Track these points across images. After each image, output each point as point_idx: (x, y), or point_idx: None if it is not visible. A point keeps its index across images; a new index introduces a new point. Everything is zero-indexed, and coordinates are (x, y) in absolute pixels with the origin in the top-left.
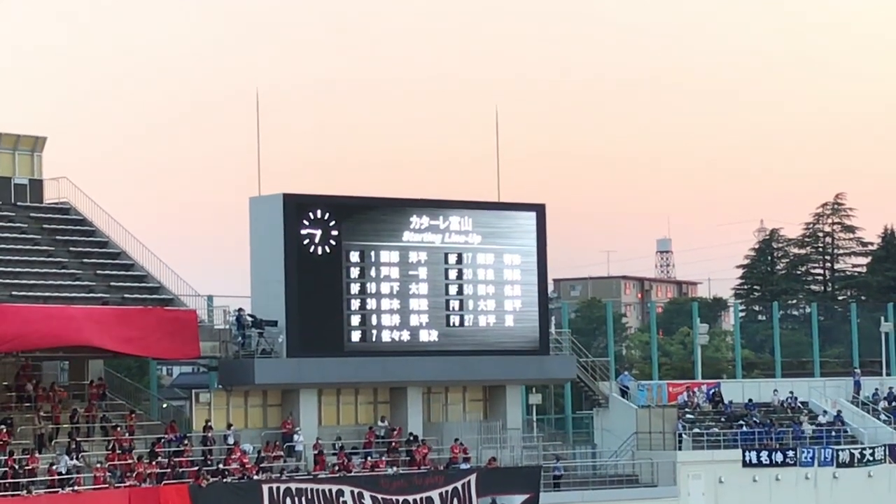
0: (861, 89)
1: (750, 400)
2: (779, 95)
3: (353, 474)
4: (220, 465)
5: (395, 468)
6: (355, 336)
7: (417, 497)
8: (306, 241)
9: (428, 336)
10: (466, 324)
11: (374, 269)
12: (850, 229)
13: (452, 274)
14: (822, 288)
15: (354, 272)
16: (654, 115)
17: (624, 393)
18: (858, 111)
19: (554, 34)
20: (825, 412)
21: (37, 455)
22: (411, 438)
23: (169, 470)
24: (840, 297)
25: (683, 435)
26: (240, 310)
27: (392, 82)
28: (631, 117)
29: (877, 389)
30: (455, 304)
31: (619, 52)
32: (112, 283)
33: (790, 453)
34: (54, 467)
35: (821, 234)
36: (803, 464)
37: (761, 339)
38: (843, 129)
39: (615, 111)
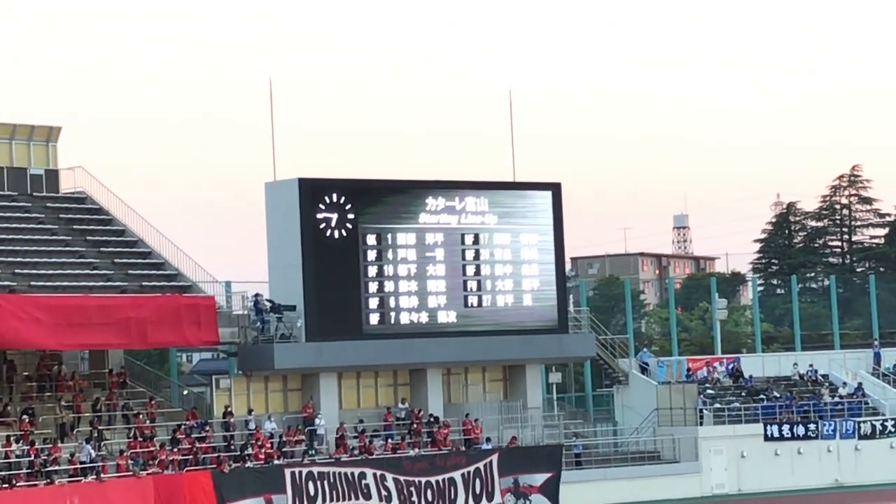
0: (876, 61)
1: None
2: (794, 68)
3: (374, 457)
4: (242, 451)
5: (416, 450)
6: (374, 319)
7: (440, 478)
8: (323, 225)
9: (446, 317)
10: (485, 304)
11: (391, 251)
12: (868, 201)
13: (469, 255)
14: (841, 260)
15: (371, 255)
16: (670, 92)
17: (644, 370)
18: (874, 83)
19: (568, 13)
20: (844, 384)
21: (59, 444)
22: (432, 420)
23: (191, 456)
24: (858, 269)
25: (704, 410)
26: (258, 295)
27: (406, 64)
28: (646, 94)
29: None
30: (473, 284)
31: (634, 29)
32: (130, 272)
33: (812, 426)
34: (77, 456)
35: (838, 207)
36: (825, 437)
37: (780, 312)
38: (859, 101)
39: (630, 88)
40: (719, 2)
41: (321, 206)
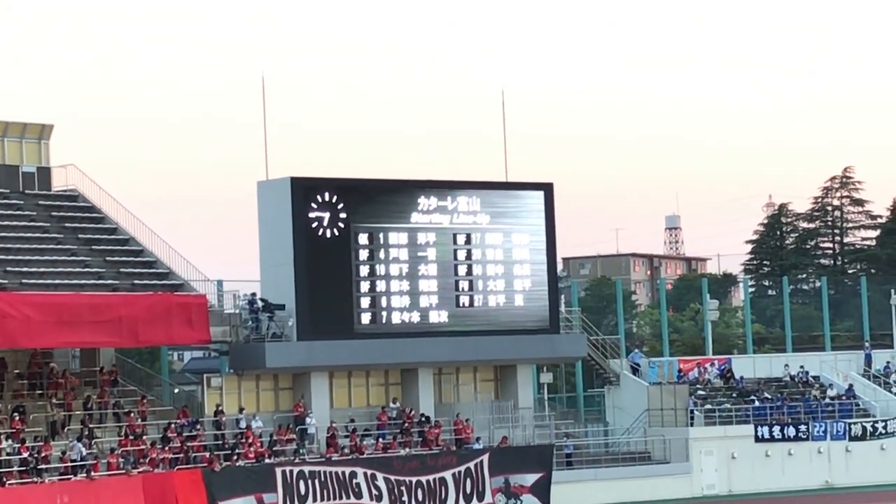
0: (869, 62)
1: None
2: (786, 69)
3: (365, 456)
4: (233, 450)
5: (407, 449)
6: (365, 318)
7: (430, 478)
8: (315, 225)
9: (438, 317)
10: (476, 304)
11: (382, 250)
12: (859, 202)
13: (461, 254)
14: (832, 262)
15: (363, 254)
16: (665, 92)
17: (635, 370)
18: (873, 83)
19: (564, 13)
20: (831, 385)
21: (50, 442)
22: (423, 419)
23: (182, 455)
24: (850, 271)
25: (695, 411)
26: (253, 294)
27: (400, 64)
28: (641, 94)
29: (888, 362)
30: (464, 284)
31: (631, 28)
32: (121, 270)
33: (802, 428)
34: (67, 454)
35: (829, 208)
36: (815, 438)
37: (771, 314)
38: (851, 103)
39: (624, 88)
40: (719, 2)
41: (313, 205)
